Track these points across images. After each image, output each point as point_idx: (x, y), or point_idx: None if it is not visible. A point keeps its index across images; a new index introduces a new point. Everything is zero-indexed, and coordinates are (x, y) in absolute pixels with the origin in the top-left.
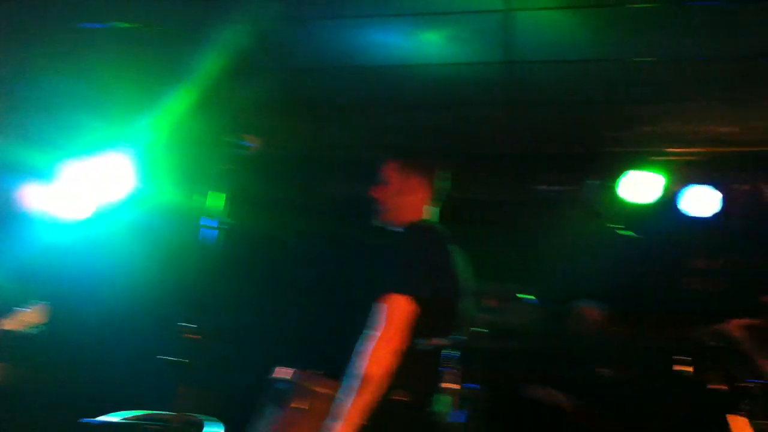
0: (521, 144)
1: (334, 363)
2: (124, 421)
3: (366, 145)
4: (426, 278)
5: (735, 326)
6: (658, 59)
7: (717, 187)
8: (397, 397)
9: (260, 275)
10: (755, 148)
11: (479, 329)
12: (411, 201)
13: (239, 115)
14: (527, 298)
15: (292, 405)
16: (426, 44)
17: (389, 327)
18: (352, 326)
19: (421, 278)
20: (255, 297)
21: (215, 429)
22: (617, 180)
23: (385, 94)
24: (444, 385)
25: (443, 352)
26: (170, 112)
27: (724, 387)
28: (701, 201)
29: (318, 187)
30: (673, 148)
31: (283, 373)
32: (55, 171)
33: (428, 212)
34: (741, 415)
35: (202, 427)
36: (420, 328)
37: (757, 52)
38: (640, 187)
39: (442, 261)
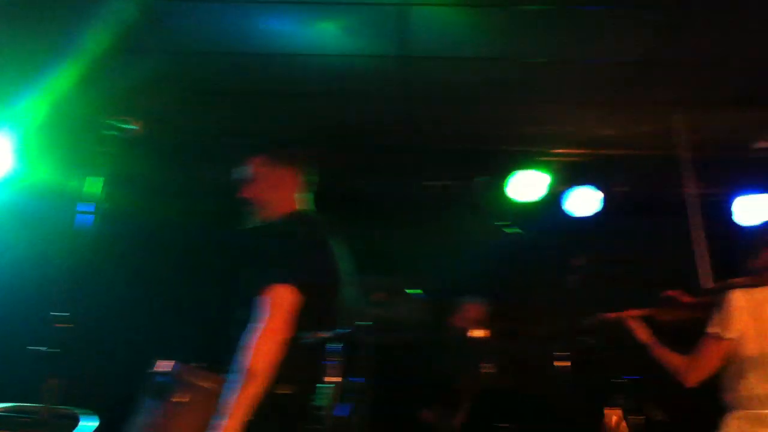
0: (412, 139)
1: (216, 356)
2: None
3: (255, 133)
4: (305, 267)
5: (629, 316)
6: (547, 61)
7: (598, 187)
8: (280, 391)
9: (140, 263)
10: (634, 152)
11: (365, 322)
12: (282, 193)
13: (123, 96)
14: (414, 293)
15: (173, 399)
16: (320, 34)
17: (272, 319)
18: (236, 318)
19: (301, 267)
20: (134, 286)
21: (90, 422)
22: (506, 178)
23: (277, 82)
24: (328, 378)
25: (327, 344)
26: (50, 91)
27: (600, 381)
28: (584, 201)
29: (203, 174)
30: (557, 149)
31: (163, 365)
32: None
33: (301, 202)
34: (615, 409)
35: (77, 420)
36: (302, 319)
37: (637, 58)
38: (526, 185)
39: (319, 250)
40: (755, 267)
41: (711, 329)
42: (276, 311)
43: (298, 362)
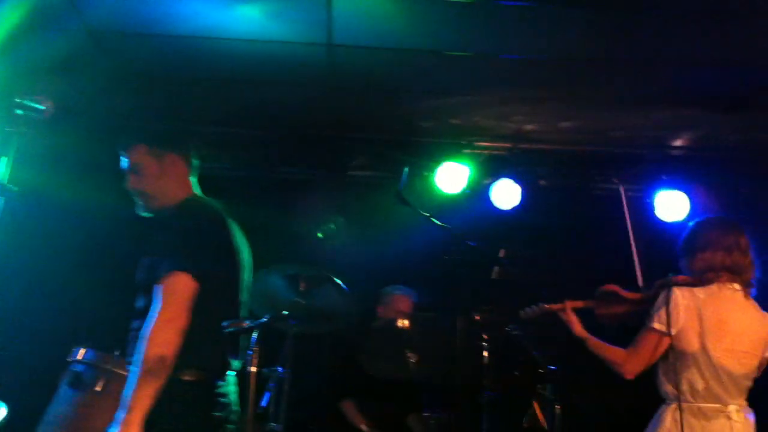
0: (338, 128)
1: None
2: None
3: (175, 117)
4: (201, 255)
5: (566, 307)
6: (471, 54)
7: (520, 181)
8: (186, 378)
9: (52, 249)
10: (557, 147)
11: (287, 311)
12: (169, 182)
13: (32, 75)
14: (337, 283)
15: (90, 387)
16: (246, 18)
17: (170, 307)
18: (137, 308)
19: (199, 254)
20: (44, 272)
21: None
22: (432, 169)
23: (199, 68)
24: (251, 368)
25: (245, 333)
26: None
27: (525, 372)
28: (508, 194)
29: (115, 159)
30: (482, 141)
31: (80, 354)
32: None
33: (191, 187)
34: (536, 399)
35: None
36: (204, 306)
37: (561, 55)
38: (451, 177)
39: (217, 235)
40: (695, 269)
41: (653, 324)
42: (172, 300)
43: (203, 349)
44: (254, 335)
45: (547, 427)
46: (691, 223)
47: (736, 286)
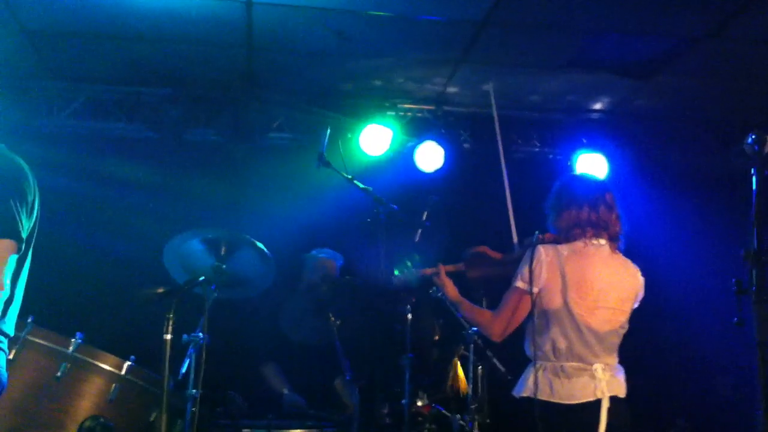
0: (256, 90)
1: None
2: None
3: (81, 78)
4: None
5: (439, 270)
6: (391, 15)
7: (443, 144)
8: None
9: None
10: (478, 110)
11: (203, 277)
12: None
13: None
14: (258, 247)
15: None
16: None
17: None
18: None
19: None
20: None
21: None
22: (355, 131)
23: (109, 24)
24: (166, 336)
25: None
26: None
27: (438, 336)
28: (430, 157)
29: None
30: (405, 103)
31: None
32: None
33: None
34: (457, 361)
35: None
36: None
37: (480, 18)
38: (374, 139)
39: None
40: (561, 226)
41: (516, 283)
42: None
43: None
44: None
45: (468, 388)
46: (557, 182)
47: (602, 241)
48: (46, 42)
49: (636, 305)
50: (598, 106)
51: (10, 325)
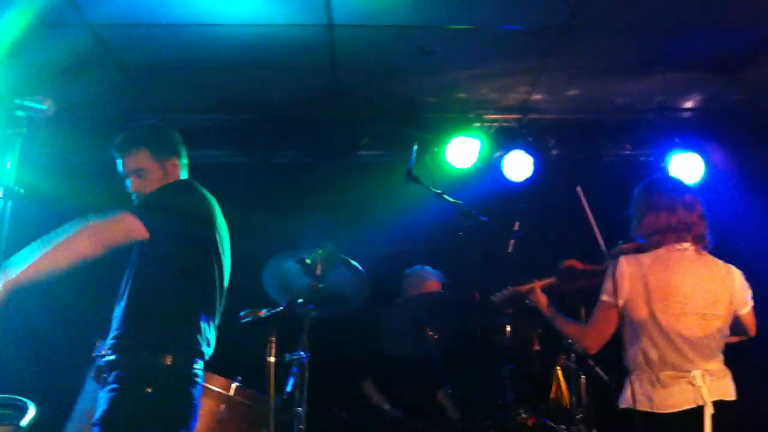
0: (342, 109)
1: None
2: None
3: (174, 108)
4: (173, 220)
5: (534, 287)
6: (471, 27)
7: (531, 152)
8: (165, 362)
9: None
10: (565, 116)
11: (301, 300)
12: (171, 177)
13: (37, 74)
14: (352, 264)
15: None
16: (242, 3)
17: (103, 227)
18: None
19: (165, 216)
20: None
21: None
22: (441, 145)
23: (199, 55)
24: (269, 358)
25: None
26: None
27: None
28: (518, 166)
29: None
30: (490, 114)
31: (105, 348)
32: None
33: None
34: (559, 371)
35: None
36: (179, 287)
37: (562, 23)
38: (461, 152)
39: (201, 210)
40: (642, 234)
41: (602, 296)
42: (110, 225)
43: (179, 333)
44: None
45: (572, 398)
46: (636, 189)
47: (686, 244)
48: (141, 76)
49: (741, 308)
50: (689, 104)
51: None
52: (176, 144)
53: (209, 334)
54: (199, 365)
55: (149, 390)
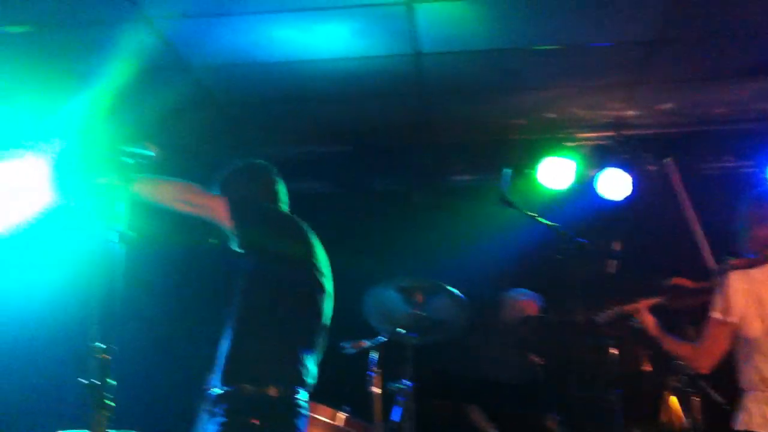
0: (431, 136)
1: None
2: None
3: (273, 142)
4: (264, 222)
5: (640, 307)
6: (559, 47)
7: (627, 169)
8: (270, 393)
9: (171, 288)
10: (659, 130)
11: (405, 326)
12: None
13: (143, 119)
14: (451, 291)
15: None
16: (331, 39)
17: (197, 191)
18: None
19: (255, 213)
20: (169, 309)
21: None
22: (532, 167)
23: (293, 90)
24: (373, 388)
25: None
26: (72, 118)
27: (648, 368)
28: (615, 184)
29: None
30: (582, 132)
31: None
32: None
33: None
34: (671, 393)
35: None
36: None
37: (650, 36)
38: (554, 173)
39: (291, 227)
40: (750, 249)
41: (713, 313)
42: (200, 195)
43: (282, 364)
44: (373, 355)
45: (686, 421)
46: (741, 203)
47: None
48: (238, 113)
49: None
50: None
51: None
52: (273, 183)
53: (312, 365)
54: (303, 396)
55: (256, 422)
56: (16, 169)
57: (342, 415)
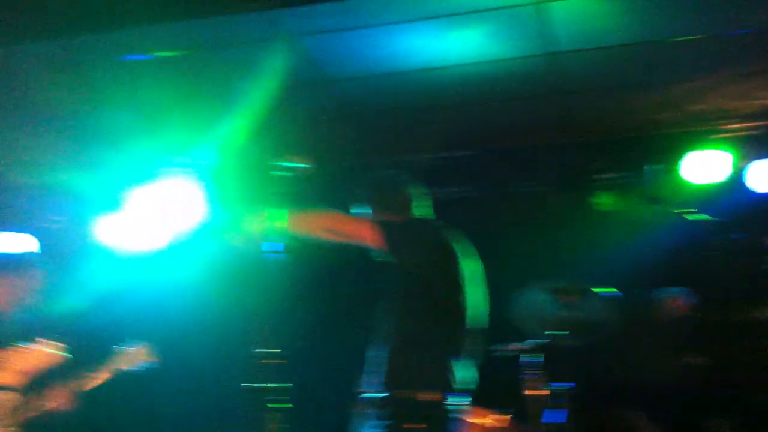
0: (573, 134)
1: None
2: None
3: (411, 149)
4: (412, 242)
5: None
6: (699, 37)
7: None
8: (424, 397)
9: (330, 294)
10: None
11: (559, 328)
12: None
13: (287, 132)
14: (603, 292)
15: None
16: (462, 44)
17: (338, 217)
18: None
19: (402, 234)
20: (327, 317)
21: None
22: (677, 162)
23: (428, 97)
24: (530, 390)
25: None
26: (222, 136)
27: None
28: (766, 176)
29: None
30: (729, 124)
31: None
32: (123, 202)
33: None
34: None
35: None
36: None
37: None
38: (703, 166)
39: (435, 241)
40: None
41: None
42: (345, 221)
43: (432, 367)
44: (527, 358)
45: None
46: None
47: None
48: (374, 122)
49: None
50: None
51: None
52: (410, 191)
53: (463, 370)
54: (457, 400)
55: (412, 426)
56: (174, 186)
57: (500, 418)
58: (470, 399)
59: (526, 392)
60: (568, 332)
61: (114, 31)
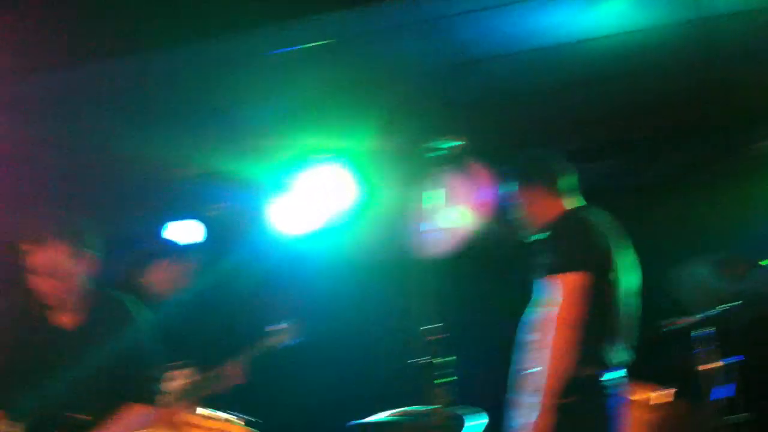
0: (732, 106)
1: None
2: (389, 418)
3: (562, 128)
4: (586, 256)
5: None
6: None
7: None
8: (587, 372)
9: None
10: None
11: (723, 303)
12: (545, 207)
13: (435, 115)
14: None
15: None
16: (609, 14)
17: (566, 301)
18: None
19: (584, 256)
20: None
21: (478, 420)
22: None
23: (573, 72)
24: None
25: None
26: (373, 120)
27: None
28: None
29: None
30: None
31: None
32: (285, 186)
33: (569, 202)
34: None
35: (462, 421)
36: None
37: None
38: None
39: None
40: None
41: None
42: (569, 294)
43: (590, 344)
44: (696, 332)
45: None
46: None
47: None
48: (522, 101)
49: None
50: None
51: None
52: (550, 173)
53: (619, 349)
54: (613, 376)
55: (570, 400)
56: (325, 173)
57: (664, 394)
58: (630, 376)
59: (697, 367)
60: (736, 305)
61: (264, 26)
